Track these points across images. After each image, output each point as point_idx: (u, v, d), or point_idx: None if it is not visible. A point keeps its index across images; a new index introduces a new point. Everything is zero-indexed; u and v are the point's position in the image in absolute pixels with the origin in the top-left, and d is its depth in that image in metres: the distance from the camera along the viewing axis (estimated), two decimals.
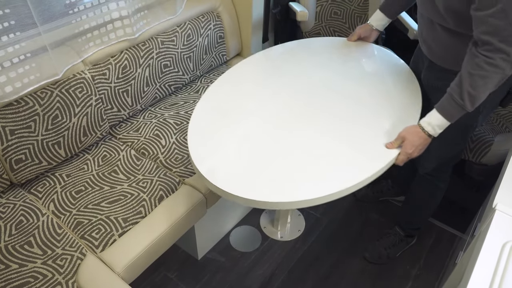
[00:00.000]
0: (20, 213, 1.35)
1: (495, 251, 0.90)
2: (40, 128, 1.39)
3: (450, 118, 1.15)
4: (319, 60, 1.59)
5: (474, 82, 1.07)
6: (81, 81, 1.48)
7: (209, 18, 1.92)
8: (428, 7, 1.22)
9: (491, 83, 1.07)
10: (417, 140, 1.18)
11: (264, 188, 1.10)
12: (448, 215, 2.00)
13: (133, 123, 1.74)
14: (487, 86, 1.07)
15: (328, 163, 1.17)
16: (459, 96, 1.10)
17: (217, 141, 1.24)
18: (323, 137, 1.25)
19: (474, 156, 1.81)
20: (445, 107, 1.15)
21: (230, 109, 1.36)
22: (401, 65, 1.57)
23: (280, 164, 1.16)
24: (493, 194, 1.12)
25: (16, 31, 1.27)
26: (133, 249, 1.28)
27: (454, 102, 1.12)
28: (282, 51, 1.67)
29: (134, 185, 1.46)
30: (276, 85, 1.46)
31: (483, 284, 0.84)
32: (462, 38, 1.19)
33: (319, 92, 1.42)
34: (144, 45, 1.68)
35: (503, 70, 1.04)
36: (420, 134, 1.18)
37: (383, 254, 1.78)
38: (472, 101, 1.09)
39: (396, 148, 1.21)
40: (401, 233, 1.79)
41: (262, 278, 1.71)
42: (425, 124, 1.18)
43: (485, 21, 1.02)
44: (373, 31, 1.64)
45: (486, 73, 1.05)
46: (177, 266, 1.73)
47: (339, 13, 2.29)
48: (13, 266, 1.20)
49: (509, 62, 1.03)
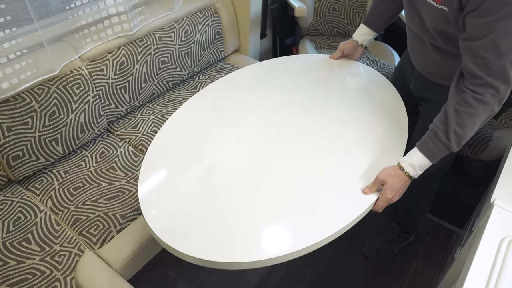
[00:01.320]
0: (18, 210, 1.34)
1: (493, 246, 0.90)
2: (37, 124, 1.39)
3: (433, 158, 1.03)
4: (292, 83, 1.41)
5: (461, 120, 0.97)
6: (78, 77, 1.47)
7: (207, 14, 1.91)
8: (416, 24, 1.15)
9: (479, 121, 0.97)
10: (398, 183, 1.04)
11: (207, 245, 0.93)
12: (446, 211, 2.00)
13: (131, 119, 1.74)
14: (474, 124, 0.98)
15: (285, 221, 0.98)
16: (445, 135, 1.00)
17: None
18: (284, 183, 1.06)
19: (472, 152, 1.81)
20: (429, 146, 1.03)
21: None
22: (386, 87, 1.41)
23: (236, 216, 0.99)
24: (491, 189, 1.12)
25: (12, 27, 1.26)
26: (131, 245, 1.28)
27: (439, 141, 1.01)
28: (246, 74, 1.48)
29: (132, 181, 1.46)
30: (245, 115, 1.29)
31: (481, 279, 0.84)
32: (451, 56, 1.12)
33: (284, 128, 1.23)
34: (142, 41, 1.67)
35: (491, 107, 0.96)
36: (400, 177, 1.04)
37: (381, 250, 1.78)
38: (458, 141, 1.00)
39: (374, 193, 1.05)
40: (398, 229, 1.79)
41: (261, 274, 1.71)
42: (406, 165, 1.05)
43: (474, 52, 0.94)
44: (358, 47, 1.49)
45: (474, 110, 0.96)
46: (176, 263, 1.73)
47: (337, 9, 2.28)
48: (11, 262, 1.19)
49: (498, 98, 0.95)
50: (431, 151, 1.03)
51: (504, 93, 0.95)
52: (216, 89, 1.40)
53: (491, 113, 0.98)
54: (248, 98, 1.36)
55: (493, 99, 0.95)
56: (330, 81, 1.43)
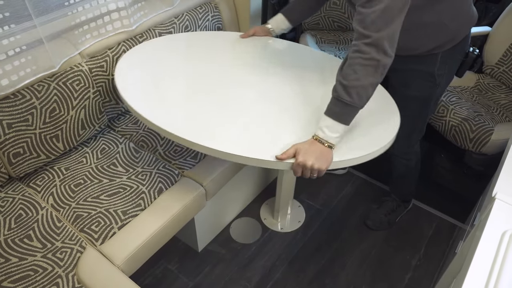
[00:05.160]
0: (19, 207, 1.35)
1: (494, 240, 0.90)
2: (37, 121, 1.38)
3: (338, 117, 1.08)
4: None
5: (344, 72, 1.06)
6: (78, 73, 1.47)
7: (207, 9, 1.90)
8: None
9: (362, 70, 1.03)
10: (308, 146, 1.09)
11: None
12: (448, 205, 2.00)
13: (131, 115, 1.73)
14: (358, 73, 1.04)
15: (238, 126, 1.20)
16: (334, 90, 1.09)
17: None
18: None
19: (474, 146, 1.81)
20: (329, 107, 1.10)
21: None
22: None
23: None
24: (493, 183, 1.12)
25: (11, 23, 1.26)
26: (133, 241, 1.28)
27: (334, 99, 1.09)
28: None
29: (133, 177, 1.46)
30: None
31: (483, 272, 0.84)
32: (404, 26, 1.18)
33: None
34: (142, 37, 1.66)
35: (368, 54, 1.02)
36: (310, 141, 1.11)
37: (384, 220, 1.88)
38: (349, 93, 1.05)
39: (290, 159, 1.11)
40: (397, 199, 1.89)
41: (263, 269, 1.71)
42: (316, 129, 1.12)
43: (358, 11, 1.04)
44: (269, 33, 1.64)
45: (352, 61, 1.04)
46: (178, 258, 1.73)
47: (338, 3, 2.27)
48: (13, 259, 1.20)
49: (373, 45, 1.02)
50: (331, 110, 1.09)
51: (377, 40, 1.01)
52: None
53: (374, 62, 1.03)
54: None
55: (368, 46, 1.02)
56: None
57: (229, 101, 1.31)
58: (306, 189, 2.05)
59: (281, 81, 1.42)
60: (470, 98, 2.01)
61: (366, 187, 2.09)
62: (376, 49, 1.02)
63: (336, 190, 2.07)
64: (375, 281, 1.69)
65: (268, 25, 1.62)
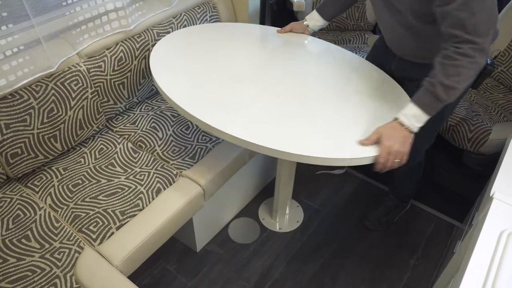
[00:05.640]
0: (17, 207, 1.34)
1: (492, 239, 0.90)
2: (35, 121, 1.38)
3: (426, 109, 1.12)
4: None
5: (447, 72, 1.07)
6: (76, 73, 1.46)
7: (205, 9, 1.90)
8: (391, 11, 1.24)
9: (465, 73, 1.06)
10: (393, 131, 1.13)
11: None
12: (447, 205, 2.00)
13: (129, 115, 1.73)
14: (461, 75, 1.06)
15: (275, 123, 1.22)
16: (432, 86, 1.10)
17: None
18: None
19: (472, 145, 1.81)
20: (420, 97, 1.12)
21: None
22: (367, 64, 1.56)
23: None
24: (491, 183, 1.12)
25: (9, 23, 1.26)
26: (131, 242, 1.28)
27: (428, 92, 1.11)
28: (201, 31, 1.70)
29: (131, 178, 1.45)
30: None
31: (481, 271, 0.84)
32: (425, 35, 1.22)
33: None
34: (140, 37, 1.66)
35: (473, 58, 1.04)
36: (394, 125, 1.14)
37: (382, 220, 1.88)
38: (447, 92, 1.08)
39: (372, 144, 1.15)
40: (395, 199, 1.89)
41: (261, 269, 1.71)
42: (399, 115, 1.15)
43: (449, 15, 1.04)
44: (306, 30, 1.65)
45: (458, 62, 1.06)
46: (176, 259, 1.73)
47: None
48: (10, 260, 1.20)
49: (478, 50, 1.04)
50: (422, 102, 1.12)
51: (483, 45, 1.04)
52: None
53: (477, 66, 1.06)
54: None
55: (474, 51, 1.04)
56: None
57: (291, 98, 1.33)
58: (304, 189, 2.05)
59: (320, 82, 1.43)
60: (468, 98, 2.01)
61: (365, 187, 2.09)
62: (481, 54, 1.05)
63: (334, 190, 2.07)
64: (373, 281, 1.69)
65: (305, 22, 1.64)
